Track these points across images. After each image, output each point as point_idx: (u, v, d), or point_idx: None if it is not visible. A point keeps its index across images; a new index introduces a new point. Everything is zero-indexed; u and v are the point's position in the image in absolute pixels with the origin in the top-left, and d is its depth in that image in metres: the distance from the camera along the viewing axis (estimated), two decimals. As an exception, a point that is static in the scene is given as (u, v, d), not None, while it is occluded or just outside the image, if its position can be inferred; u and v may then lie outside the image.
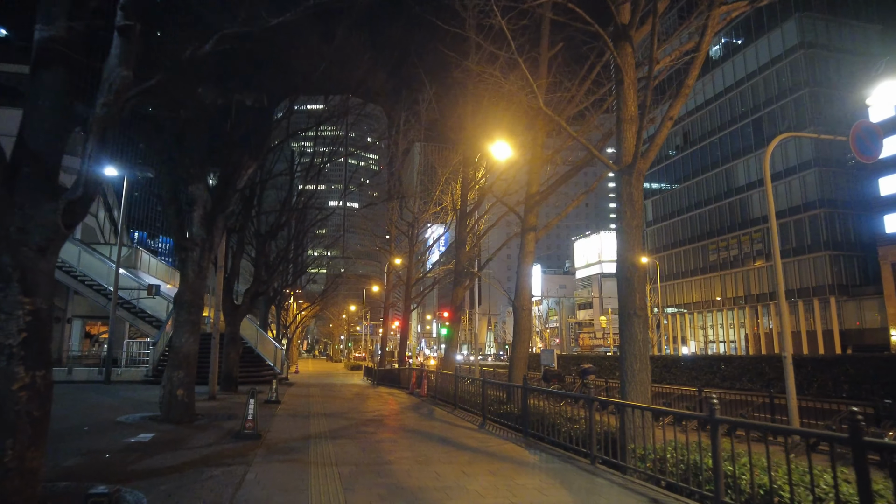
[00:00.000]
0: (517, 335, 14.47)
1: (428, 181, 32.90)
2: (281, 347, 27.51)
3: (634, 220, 9.05)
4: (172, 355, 12.23)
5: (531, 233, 14.86)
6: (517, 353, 14.28)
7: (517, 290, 14.84)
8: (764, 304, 59.01)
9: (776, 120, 57.42)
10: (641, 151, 8.96)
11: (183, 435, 9.91)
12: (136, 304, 26.80)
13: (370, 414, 13.82)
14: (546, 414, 10.37)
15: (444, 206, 32.95)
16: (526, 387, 10.64)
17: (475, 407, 14.19)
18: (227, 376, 19.05)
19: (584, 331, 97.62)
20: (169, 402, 11.84)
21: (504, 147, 16.39)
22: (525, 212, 15.16)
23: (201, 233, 12.54)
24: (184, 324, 12.34)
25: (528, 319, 14.60)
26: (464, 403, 14.99)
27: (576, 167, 15.21)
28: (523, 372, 14.41)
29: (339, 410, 14.54)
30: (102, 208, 36.76)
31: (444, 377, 17.80)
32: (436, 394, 18.00)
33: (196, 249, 12.46)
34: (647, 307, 65.38)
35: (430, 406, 16.19)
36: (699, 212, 68.76)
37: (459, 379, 15.79)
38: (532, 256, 14.92)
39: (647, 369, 8.64)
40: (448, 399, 16.51)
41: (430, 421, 12.76)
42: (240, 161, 13.35)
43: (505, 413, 11.98)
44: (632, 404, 8.09)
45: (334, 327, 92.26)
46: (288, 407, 14.89)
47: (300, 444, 9.16)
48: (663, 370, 30.01)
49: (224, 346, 19.38)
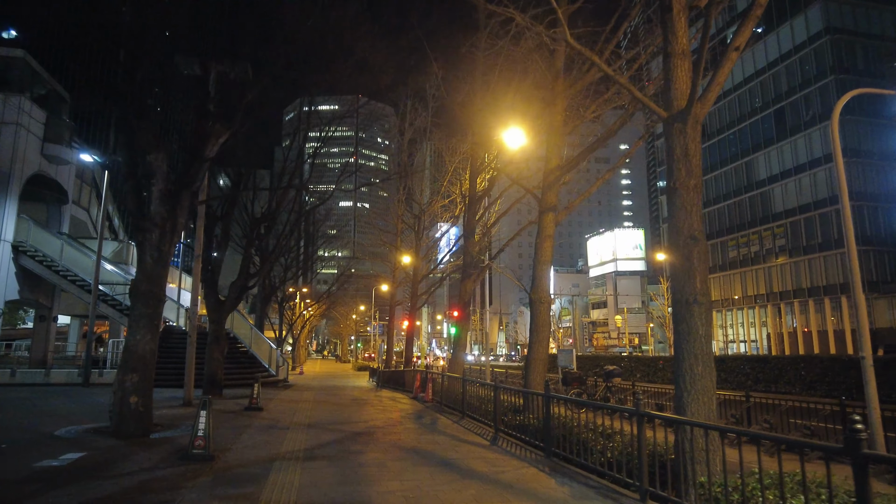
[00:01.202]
0: (535, 333, 12.42)
1: (436, 171, 30.89)
2: (276, 348, 25.57)
3: (692, 179, 7.00)
4: (125, 356, 10.29)
5: (550, 213, 12.81)
6: (535, 354, 12.23)
7: (534, 280, 12.80)
8: (787, 302, 56.51)
9: (800, 110, 54.98)
10: (699, 93, 6.90)
11: (118, 455, 7.96)
12: (122, 302, 24.96)
13: (362, 425, 11.79)
14: (573, 427, 8.36)
15: (453, 199, 31.09)
16: (549, 395, 8.60)
17: (486, 416, 12.17)
18: (210, 379, 17.13)
19: (599, 330, 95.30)
20: (120, 412, 9.90)
21: (517, 134, 14.52)
22: (543, 190, 13.11)
23: (161, 211, 10.59)
24: (139, 318, 10.40)
25: (547, 314, 12.56)
26: (473, 411, 12.96)
27: (605, 135, 13.12)
28: (542, 375, 12.36)
29: (328, 420, 12.54)
30: (95, 201, 35.01)
31: (451, 380, 15.78)
32: (442, 399, 15.98)
33: (154, 231, 10.52)
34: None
35: (434, 414, 14.16)
36: (717, 207, 66.27)
37: (468, 383, 13.74)
38: (551, 242, 12.86)
39: (711, 374, 6.58)
40: (455, 405, 14.50)
41: (431, 434, 10.73)
42: (210, 130, 11.39)
43: (521, 425, 9.94)
44: (695, 422, 6.06)
45: (344, 327, 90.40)
46: (269, 416, 12.92)
47: (261, 469, 7.17)
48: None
49: (207, 346, 17.47)
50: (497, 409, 10.87)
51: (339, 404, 16.37)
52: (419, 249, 31.62)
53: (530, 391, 11.24)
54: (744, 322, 63.29)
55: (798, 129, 54.95)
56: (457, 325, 19.17)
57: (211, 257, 17.70)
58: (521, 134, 13.01)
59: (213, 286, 17.64)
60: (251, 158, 20.49)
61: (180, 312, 27.67)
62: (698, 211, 7.05)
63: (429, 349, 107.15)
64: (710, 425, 6.03)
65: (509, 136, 13.53)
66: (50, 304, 28.47)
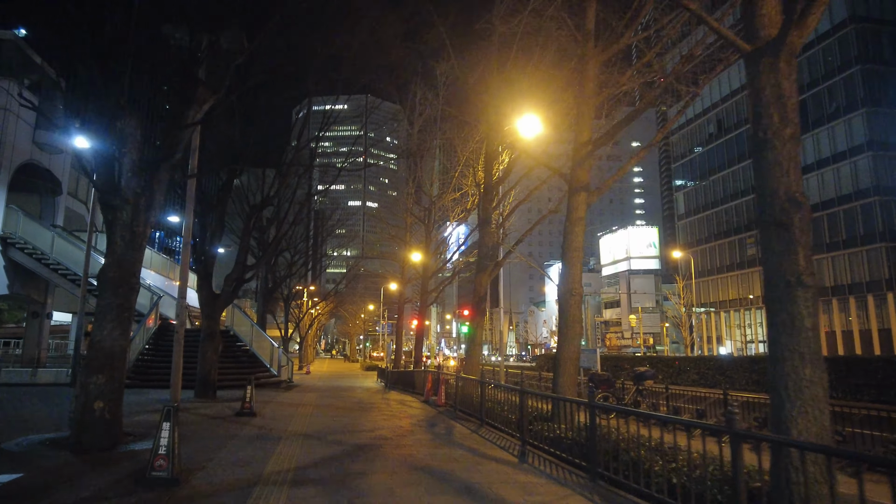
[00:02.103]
0: (565, 330, 10.84)
1: (447, 160, 29.34)
2: (278, 346, 24.09)
3: (788, 127, 5.42)
4: (90, 353, 8.81)
5: (581, 193, 11.22)
6: (565, 354, 10.64)
7: (563, 270, 11.24)
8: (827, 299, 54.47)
9: (823, 102, 53.06)
10: (797, 14, 5.31)
11: (62, 477, 6.45)
12: (115, 297, 23.56)
13: (367, 435, 10.24)
14: (620, 442, 6.83)
15: (465, 191, 29.58)
16: (594, 403, 7.03)
17: (508, 425, 10.62)
18: (202, 380, 15.67)
19: (611, 330, 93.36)
20: (81, 421, 8.42)
21: (533, 121, 13.02)
22: (573, 167, 11.52)
23: (134, 185, 9.10)
24: (107, 310, 8.91)
25: (579, 308, 11.00)
26: (493, 419, 11.41)
27: (644, 103, 11.50)
28: (574, 378, 10.79)
29: (328, 428, 11.00)
30: (95, 194, 33.66)
31: (466, 383, 14.22)
32: (456, 403, 14.42)
33: (125, 208, 9.03)
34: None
35: (448, 421, 12.60)
36: (735, 203, 64.37)
37: (487, 386, 12.16)
38: (583, 226, 11.28)
39: (822, 379, 5.00)
40: (472, 411, 12.95)
41: (448, 448, 9.16)
42: (193, 94, 9.89)
43: (554, 438, 8.39)
44: (808, 445, 4.50)
45: (352, 327, 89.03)
46: (261, 423, 11.40)
47: (233, 498, 5.65)
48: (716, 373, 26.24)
49: (200, 344, 16.00)
50: (524, 417, 9.32)
51: (343, 409, 14.84)
52: (430, 244, 30.12)
53: (566, 398, 9.69)
54: (763, 322, 61.31)
55: (821, 121, 53.03)
56: (469, 324, 17.66)
57: (205, 247, 16.22)
58: (538, 120, 11.62)
59: (207, 278, 16.16)
60: (263, 158, 19.17)
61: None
62: (797, 167, 5.50)
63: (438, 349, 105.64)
64: (828, 449, 4.47)
65: (528, 120, 12.09)
66: (43, 300, 27.13)
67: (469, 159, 28.48)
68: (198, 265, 16.30)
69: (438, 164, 29.89)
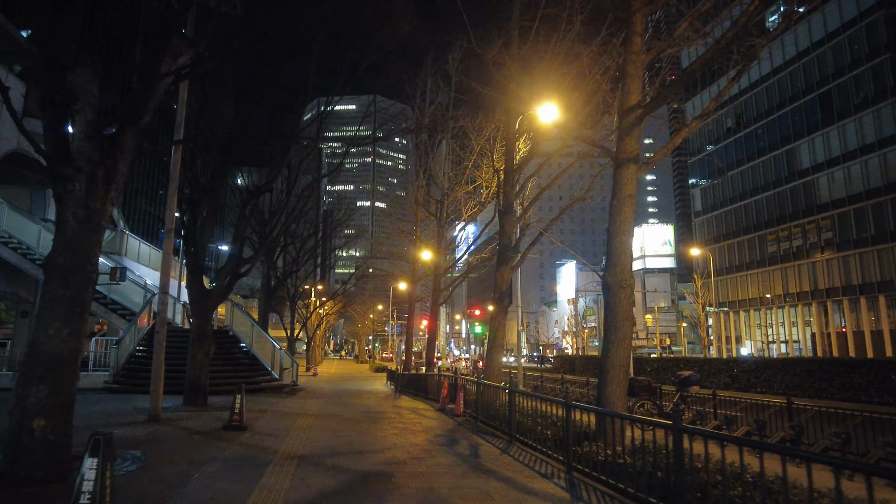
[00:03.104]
0: (613, 329, 9.00)
1: (460, 149, 27.57)
2: (279, 347, 22.36)
3: None
4: (29, 358, 7.09)
5: (630, 166, 9.39)
6: (614, 358, 8.80)
7: (609, 257, 9.42)
8: (835, 300, 52.34)
9: (849, 92, 50.86)
10: None
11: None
12: (107, 295, 21.93)
13: (375, 457, 8.39)
14: (715, 473, 5.05)
15: (479, 184, 27.87)
16: (680, 426, 5.21)
17: (541, 441, 8.83)
18: (192, 386, 13.93)
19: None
20: (17, 444, 6.68)
21: (552, 110, 11.37)
22: (618, 137, 9.70)
23: (89, 152, 7.37)
24: (54, 304, 7.18)
25: (629, 304, 9.16)
26: (525, 434, 9.60)
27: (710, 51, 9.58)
28: (624, 388, 8.97)
29: (329, 447, 9.17)
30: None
31: (489, 390, 12.41)
32: (477, 413, 12.62)
33: (78, 179, 7.30)
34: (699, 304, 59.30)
35: (470, 436, 10.78)
36: (755, 199, 62.21)
37: (519, 396, 10.32)
38: (633, 204, 9.45)
39: None
40: (497, 423, 11.15)
41: (477, 476, 7.31)
42: (167, 44, 8.14)
43: (610, 463, 6.59)
44: None
45: (361, 327, 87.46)
46: (251, 439, 9.61)
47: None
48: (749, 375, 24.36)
49: (189, 345, 14.28)
50: (569, 436, 7.53)
51: (349, 419, 13.02)
52: (442, 239, 28.36)
53: (609, 412, 7.90)
54: (784, 321, 59.19)
55: (847, 112, 50.88)
56: (490, 323, 15.86)
57: (195, 236, 14.49)
58: (558, 107, 9.98)
59: (198, 272, 14.42)
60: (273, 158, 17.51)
61: (177, 309, 24.63)
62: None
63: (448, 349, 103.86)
64: None
65: (547, 108, 10.44)
66: (32, 299, 25.52)
67: (484, 148, 26.78)
68: (188, 257, 14.58)
69: (451, 154, 28.08)
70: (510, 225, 15.70)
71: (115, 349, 18.17)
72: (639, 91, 9.73)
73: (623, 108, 9.65)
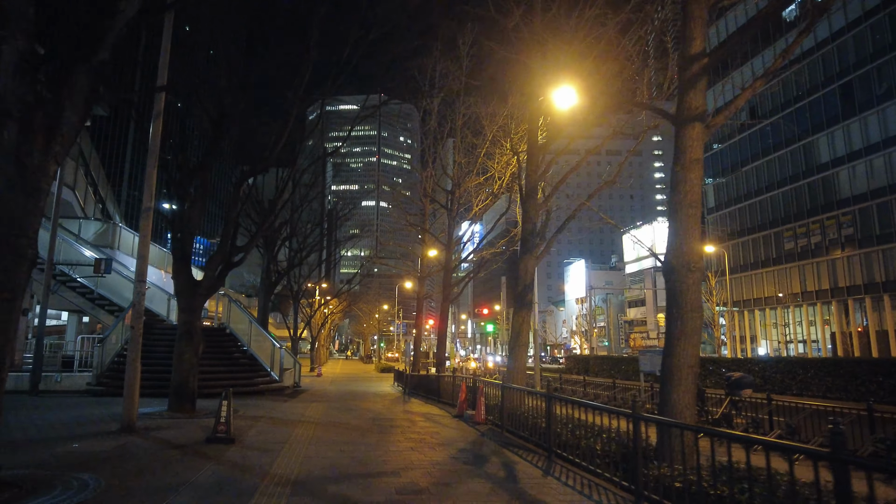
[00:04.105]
0: (679, 322, 7.35)
1: (473, 136, 25.96)
2: (279, 346, 20.77)
3: None
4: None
5: (695, 126, 7.77)
6: (680, 357, 7.16)
7: (673, 235, 7.77)
8: (856, 298, 50.44)
9: (871, 83, 48.95)
10: None
11: None
12: (94, 289, 20.38)
13: (389, 483, 6.68)
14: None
15: (490, 175, 26.28)
16: (846, 455, 3.60)
17: (592, 459, 7.23)
18: (178, 389, 12.33)
19: (636, 330, 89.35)
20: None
21: (569, 91, 9.83)
22: (681, 90, 8.06)
23: (21, 92, 5.77)
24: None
25: (698, 291, 7.48)
26: (566, 449, 7.98)
27: None
28: (693, 392, 7.32)
29: (331, 467, 7.50)
30: (83, 179, 30.52)
31: (515, 395, 10.78)
32: (501, 420, 10.98)
33: (8, 126, 5.71)
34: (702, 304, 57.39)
35: (498, 449, 9.14)
36: (771, 195, 60.33)
37: (557, 402, 8.67)
38: (700, 170, 7.80)
39: None
40: (528, 434, 9.52)
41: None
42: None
43: (693, 492, 4.98)
44: None
45: (367, 327, 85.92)
46: (236, 457, 7.98)
47: None
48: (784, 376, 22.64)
49: (175, 343, 12.69)
50: (639, 457, 5.91)
51: (356, 429, 11.38)
52: (453, 231, 26.77)
53: (680, 424, 6.29)
54: (802, 320, 57.32)
55: (869, 104, 49.01)
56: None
57: (183, 220, 12.89)
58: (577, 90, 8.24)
59: (185, 261, 12.81)
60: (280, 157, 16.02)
61: (171, 305, 23.06)
62: None
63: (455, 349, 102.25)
64: None
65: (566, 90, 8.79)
66: (19, 295, 24.02)
67: (497, 136, 25.25)
68: (174, 243, 12.99)
69: (463, 140, 26.46)
70: (534, 209, 14.05)
71: (98, 348, 16.61)
72: (703, 36, 8.09)
73: (685, 56, 8.02)
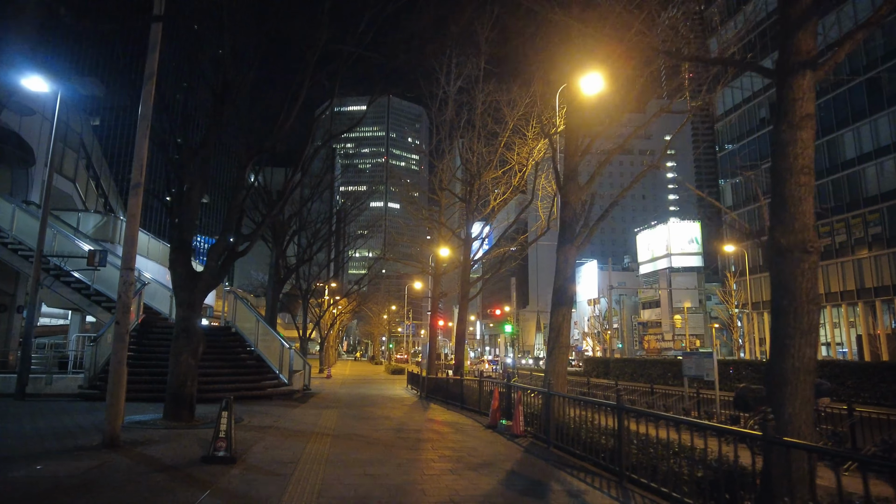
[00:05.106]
0: (789, 316, 5.78)
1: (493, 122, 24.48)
2: (289, 346, 19.30)
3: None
4: None
5: (805, 74, 6.27)
6: (794, 360, 5.60)
7: (779, 209, 6.23)
8: (884, 299, 48.58)
9: (901, 75, 47.22)
10: None
11: None
12: (90, 284, 18.96)
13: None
14: None
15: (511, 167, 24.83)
16: None
17: (678, 486, 5.69)
18: (174, 395, 10.84)
19: (650, 332, 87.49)
20: None
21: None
22: (785, 33, 6.52)
23: None
24: None
25: (814, 276, 5.93)
26: (645, 475, 6.44)
27: None
28: (811, 405, 5.77)
29: (357, 501, 6.01)
30: (84, 171, 29.17)
31: (565, 405, 9.22)
32: (547, 434, 9.42)
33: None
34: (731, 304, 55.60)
35: (554, 473, 7.57)
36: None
37: (629, 415, 7.10)
38: (812, 129, 6.29)
39: None
40: (582, 450, 7.98)
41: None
42: None
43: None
44: None
45: (375, 327, 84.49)
46: (236, 483, 6.40)
47: None
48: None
49: (172, 343, 11.22)
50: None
51: (379, 443, 9.79)
52: (471, 224, 25.26)
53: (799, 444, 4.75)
54: (825, 322, 55.43)
55: (898, 97, 47.30)
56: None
57: (182, 205, 11.42)
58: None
59: (183, 249, 11.33)
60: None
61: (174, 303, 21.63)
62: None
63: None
64: None
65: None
66: (13, 291, 22.68)
67: (517, 125, 23.80)
68: (172, 231, 11.54)
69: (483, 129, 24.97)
70: (574, 194, 12.51)
71: (91, 348, 15.16)
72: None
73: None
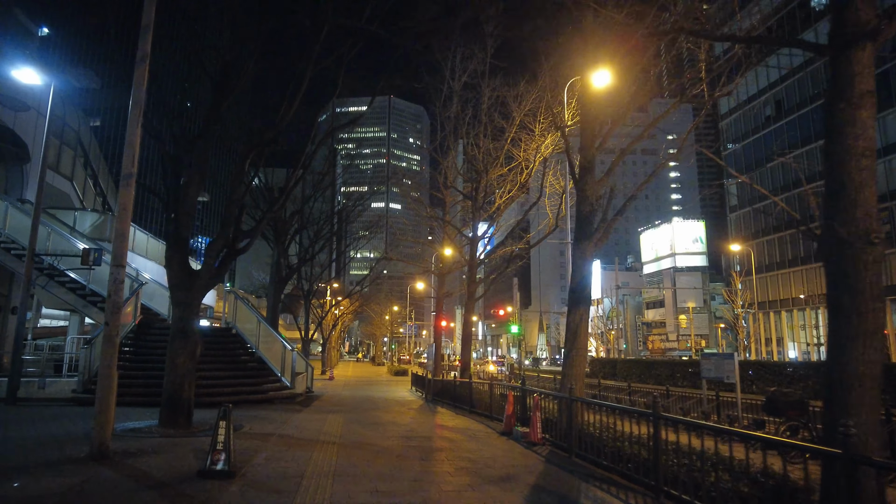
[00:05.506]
0: (850, 316, 5.08)
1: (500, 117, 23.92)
2: (291, 348, 18.69)
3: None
4: None
5: (865, 47, 5.65)
6: (856, 366, 4.87)
7: (838, 195, 5.56)
8: (894, 299, 47.87)
9: (909, 72, 46.64)
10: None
11: None
12: (85, 284, 18.36)
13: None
14: None
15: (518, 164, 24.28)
16: None
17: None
18: (170, 400, 10.22)
19: (654, 332, 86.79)
20: None
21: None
22: (839, 3, 5.92)
23: None
24: None
25: (878, 270, 5.25)
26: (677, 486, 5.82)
27: None
28: (877, 412, 5.16)
29: None
30: (82, 170, 28.59)
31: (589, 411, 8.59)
32: (571, 442, 8.77)
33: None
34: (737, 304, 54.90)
35: (582, 487, 6.90)
36: (798, 191, 57.78)
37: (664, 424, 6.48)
38: (873, 106, 5.65)
39: None
40: (609, 461, 7.36)
41: None
42: None
43: None
44: None
45: (377, 328, 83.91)
46: (236, 500, 5.87)
47: None
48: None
49: (168, 345, 10.60)
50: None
51: (387, 452, 9.14)
52: (477, 222, 24.66)
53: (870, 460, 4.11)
54: (832, 322, 54.65)
55: (907, 94, 46.69)
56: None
57: (179, 198, 10.81)
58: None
59: (180, 246, 10.71)
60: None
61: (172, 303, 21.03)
62: None
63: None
64: None
65: None
66: (7, 292, 22.07)
67: (524, 120, 23.26)
68: (168, 227, 10.92)
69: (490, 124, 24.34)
70: (592, 188, 11.88)
71: (86, 351, 14.55)
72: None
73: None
